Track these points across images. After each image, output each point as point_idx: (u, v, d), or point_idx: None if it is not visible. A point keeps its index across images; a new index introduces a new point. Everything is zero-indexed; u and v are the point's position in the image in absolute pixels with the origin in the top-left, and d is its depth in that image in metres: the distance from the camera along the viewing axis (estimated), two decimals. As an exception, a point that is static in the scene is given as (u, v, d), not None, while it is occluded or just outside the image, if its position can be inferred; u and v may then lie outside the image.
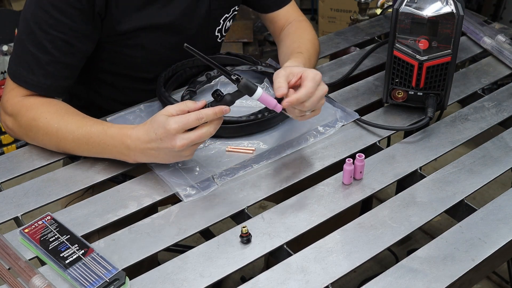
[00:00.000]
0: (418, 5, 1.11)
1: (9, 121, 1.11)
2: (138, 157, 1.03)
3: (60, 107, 1.10)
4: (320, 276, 0.89)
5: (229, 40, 3.03)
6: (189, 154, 1.01)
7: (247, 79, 0.97)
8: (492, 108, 1.27)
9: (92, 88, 1.30)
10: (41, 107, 1.08)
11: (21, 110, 1.08)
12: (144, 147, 1.00)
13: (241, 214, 1.01)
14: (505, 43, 1.44)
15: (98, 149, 1.05)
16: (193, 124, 0.96)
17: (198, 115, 0.95)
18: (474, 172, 1.09)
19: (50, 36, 1.06)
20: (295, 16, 1.37)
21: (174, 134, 0.95)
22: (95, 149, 1.05)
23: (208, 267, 0.90)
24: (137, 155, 1.03)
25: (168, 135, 0.96)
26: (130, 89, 1.28)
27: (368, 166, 1.09)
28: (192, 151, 1.00)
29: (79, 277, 0.86)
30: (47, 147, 1.11)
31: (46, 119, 1.07)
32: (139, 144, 1.01)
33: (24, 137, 1.12)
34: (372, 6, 1.87)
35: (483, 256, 0.92)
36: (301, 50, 1.21)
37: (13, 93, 1.10)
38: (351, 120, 1.21)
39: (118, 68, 1.23)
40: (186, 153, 0.99)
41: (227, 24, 1.31)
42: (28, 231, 0.93)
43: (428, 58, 1.14)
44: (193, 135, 0.96)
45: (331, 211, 1.00)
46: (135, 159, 1.04)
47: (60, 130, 1.06)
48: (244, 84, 0.96)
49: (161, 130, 0.96)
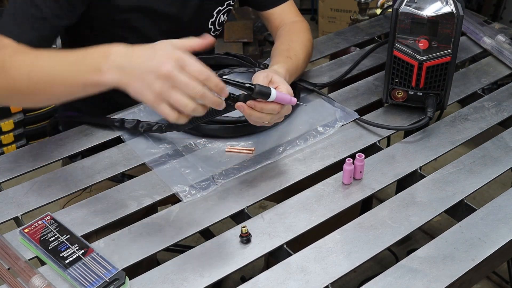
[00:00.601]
0: (418, 5, 1.11)
1: None
2: (112, 71, 0.84)
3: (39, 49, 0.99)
4: (320, 276, 0.89)
5: (229, 40, 3.03)
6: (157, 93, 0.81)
7: (259, 85, 0.96)
8: (492, 108, 1.27)
9: None
10: (18, 46, 0.99)
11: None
12: (124, 58, 0.84)
13: (241, 214, 1.01)
14: (505, 43, 1.44)
15: (72, 70, 0.89)
16: (193, 70, 0.82)
17: (203, 69, 0.82)
18: (474, 172, 1.09)
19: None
20: (292, 16, 1.36)
21: (172, 59, 0.81)
22: (68, 70, 0.89)
23: (208, 267, 0.90)
24: (111, 69, 0.84)
25: (164, 56, 0.82)
26: None
27: (368, 166, 1.09)
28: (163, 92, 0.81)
29: (79, 277, 0.86)
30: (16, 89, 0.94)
31: (22, 53, 0.96)
32: (122, 53, 0.85)
33: None
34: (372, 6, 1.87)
35: (483, 256, 0.92)
36: (290, 54, 1.20)
37: None
38: (351, 119, 1.21)
39: None
40: (158, 86, 0.81)
41: (221, 17, 1.31)
42: (28, 231, 0.93)
43: (428, 58, 1.14)
44: (182, 75, 0.81)
45: (331, 211, 1.00)
46: (107, 75, 0.84)
47: (36, 59, 0.94)
48: (258, 91, 0.95)
49: (161, 50, 0.83)
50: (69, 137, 1.17)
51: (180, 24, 1.23)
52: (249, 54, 3.03)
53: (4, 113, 2.38)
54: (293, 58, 1.19)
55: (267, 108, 0.98)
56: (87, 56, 0.88)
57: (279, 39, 1.30)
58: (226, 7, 1.31)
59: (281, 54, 1.20)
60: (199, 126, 1.14)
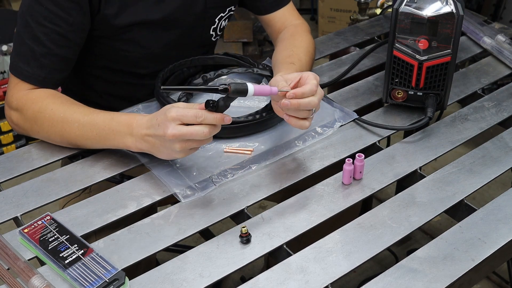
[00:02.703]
0: (418, 5, 1.11)
1: (14, 116, 1.13)
2: (139, 143, 1.03)
3: (66, 98, 1.12)
4: (320, 276, 0.89)
5: (229, 40, 3.03)
6: (180, 151, 0.98)
7: (234, 84, 0.95)
8: (492, 108, 1.27)
9: (87, 84, 1.30)
10: (47, 99, 1.10)
11: (26, 104, 1.10)
12: (144, 133, 1.01)
13: (241, 214, 1.01)
14: (505, 43, 1.44)
15: (102, 135, 1.06)
16: (190, 120, 0.95)
17: (197, 113, 0.95)
18: (474, 172, 1.09)
19: (45, 28, 1.08)
20: (292, 19, 1.35)
21: (170, 121, 0.95)
22: (99, 136, 1.06)
23: (207, 267, 0.90)
24: (138, 141, 1.03)
25: (164, 121, 0.96)
26: (125, 83, 1.28)
27: (368, 166, 1.09)
28: (183, 148, 0.97)
29: (79, 277, 0.86)
30: (51, 139, 1.11)
31: (51, 110, 1.08)
32: (141, 130, 1.02)
33: (29, 131, 1.12)
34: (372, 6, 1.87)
35: (483, 256, 0.92)
36: (293, 60, 1.19)
37: (17, 88, 1.12)
38: (350, 120, 1.21)
39: (112, 63, 1.24)
40: (177, 147, 0.97)
41: (222, 23, 1.31)
42: (28, 231, 0.93)
43: (428, 58, 1.14)
44: (185, 128, 0.95)
45: (331, 211, 1.00)
46: (136, 146, 1.04)
47: (66, 119, 1.07)
48: (234, 90, 0.94)
49: (161, 116, 0.97)
50: (68, 137, 1.17)
51: (181, 33, 1.23)
52: (248, 54, 3.03)
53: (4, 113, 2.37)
54: (296, 63, 1.18)
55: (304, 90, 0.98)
56: (113, 125, 1.05)
57: (281, 44, 1.29)
58: (228, 13, 1.31)
59: (284, 61, 1.19)
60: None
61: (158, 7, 1.16)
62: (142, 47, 1.20)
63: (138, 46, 1.19)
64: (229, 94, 0.94)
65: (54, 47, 1.09)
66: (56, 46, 1.09)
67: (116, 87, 1.29)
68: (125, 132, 1.04)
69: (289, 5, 1.37)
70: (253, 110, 1.18)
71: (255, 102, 1.23)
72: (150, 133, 1.00)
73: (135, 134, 1.03)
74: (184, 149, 0.98)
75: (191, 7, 1.21)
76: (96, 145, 1.09)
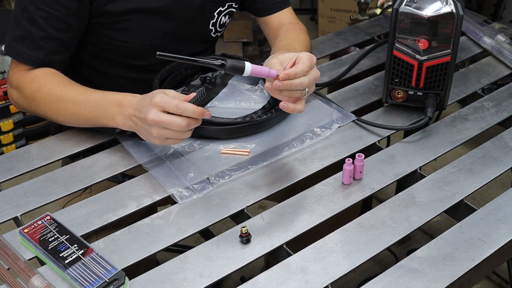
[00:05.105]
0: (418, 5, 1.11)
1: (14, 94, 1.16)
2: (126, 122, 1.05)
3: (63, 77, 1.14)
4: (320, 276, 0.89)
5: (229, 40, 3.03)
6: (157, 137, 1.00)
7: (232, 60, 0.93)
8: (492, 108, 1.27)
9: (83, 77, 1.30)
10: (44, 78, 1.12)
11: (25, 82, 1.13)
12: (131, 113, 1.03)
13: (241, 214, 1.01)
14: (505, 43, 1.44)
15: (95, 113, 1.08)
16: (171, 109, 0.96)
17: (179, 104, 0.96)
18: (474, 172, 1.09)
19: (44, 12, 1.09)
20: (290, 19, 1.36)
21: (153, 106, 0.97)
22: (91, 114, 1.08)
23: (207, 267, 0.90)
24: (125, 120, 1.05)
25: (148, 105, 0.98)
26: (121, 77, 1.28)
27: (368, 166, 1.09)
28: (160, 134, 0.99)
29: (79, 277, 0.86)
30: (48, 117, 1.14)
31: (48, 89, 1.11)
32: (129, 109, 1.04)
33: (27, 108, 1.16)
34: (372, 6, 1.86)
35: (483, 256, 0.92)
36: (289, 48, 1.19)
37: (17, 68, 1.15)
38: (348, 121, 1.21)
39: (108, 54, 1.24)
40: (154, 132, 0.99)
41: (222, 19, 1.31)
42: (28, 231, 0.93)
43: (427, 58, 1.14)
44: (164, 116, 0.97)
45: (331, 211, 1.00)
46: (124, 124, 1.06)
47: (61, 98, 1.10)
48: (231, 66, 0.92)
49: (148, 99, 0.99)
50: (69, 137, 1.17)
51: (180, 24, 1.23)
52: (248, 54, 3.03)
53: (4, 113, 2.38)
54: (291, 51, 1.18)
55: (296, 70, 0.96)
56: (105, 104, 1.07)
57: (276, 39, 1.29)
58: (228, 8, 1.30)
59: (280, 49, 1.19)
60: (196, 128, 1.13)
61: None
62: (139, 37, 1.20)
63: (134, 35, 1.19)
64: (225, 70, 0.93)
65: (53, 31, 1.11)
66: (55, 30, 1.11)
67: (112, 80, 1.29)
68: (116, 111, 1.06)
69: (288, 9, 1.38)
70: (250, 111, 1.18)
71: (251, 103, 1.22)
72: (135, 114, 1.02)
73: (123, 113, 1.05)
74: (160, 136, 1.00)
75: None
76: (89, 123, 1.11)
